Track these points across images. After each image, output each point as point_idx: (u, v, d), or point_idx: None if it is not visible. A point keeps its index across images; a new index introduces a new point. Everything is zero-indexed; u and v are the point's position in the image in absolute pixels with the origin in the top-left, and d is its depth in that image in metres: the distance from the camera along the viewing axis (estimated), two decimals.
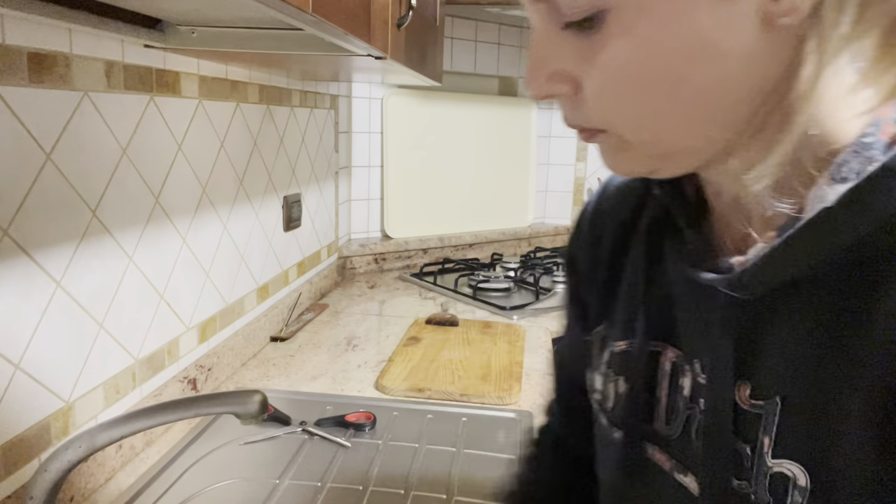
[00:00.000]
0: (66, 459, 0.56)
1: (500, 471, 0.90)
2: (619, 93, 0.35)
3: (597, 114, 0.37)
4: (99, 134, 0.79)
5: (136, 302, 0.89)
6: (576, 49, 0.36)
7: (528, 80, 0.38)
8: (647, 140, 0.37)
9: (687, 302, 0.45)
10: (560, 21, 0.36)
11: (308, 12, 0.55)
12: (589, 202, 0.59)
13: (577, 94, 0.37)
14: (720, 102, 0.34)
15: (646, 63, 0.34)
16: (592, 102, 0.37)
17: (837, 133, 0.35)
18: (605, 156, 0.41)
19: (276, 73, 1.28)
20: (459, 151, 2.16)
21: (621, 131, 0.37)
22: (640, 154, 0.38)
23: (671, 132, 0.36)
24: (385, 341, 1.37)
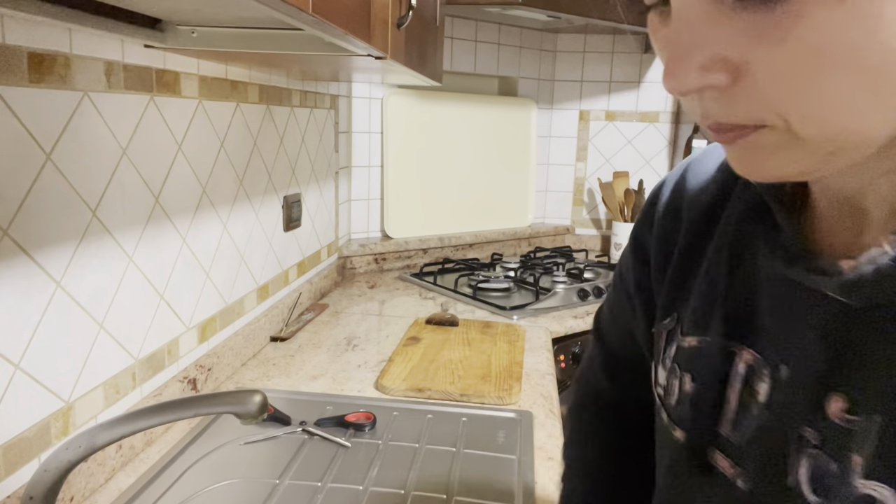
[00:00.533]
0: (66, 459, 0.56)
1: (500, 471, 0.90)
2: (812, 75, 0.29)
3: (767, 104, 0.31)
4: (99, 134, 0.79)
5: (136, 302, 0.89)
6: (747, 25, 0.29)
7: (671, 71, 0.31)
8: (824, 133, 0.31)
9: (779, 303, 0.41)
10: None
11: (308, 12, 0.55)
12: (664, 185, 0.55)
13: (736, 83, 0.31)
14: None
15: (864, 38, 0.28)
16: (766, 89, 0.30)
17: None
18: (754, 157, 0.34)
19: (276, 73, 1.28)
20: (459, 151, 2.16)
21: (797, 122, 0.31)
22: (805, 152, 0.32)
23: (858, 119, 0.30)
24: (385, 341, 1.37)
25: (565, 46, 2.39)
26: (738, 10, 0.30)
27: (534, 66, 2.34)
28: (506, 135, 2.30)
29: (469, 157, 2.19)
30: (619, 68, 2.36)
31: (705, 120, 0.33)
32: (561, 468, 0.71)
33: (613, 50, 2.35)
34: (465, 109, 2.16)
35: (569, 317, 1.59)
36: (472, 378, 1.15)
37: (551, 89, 2.42)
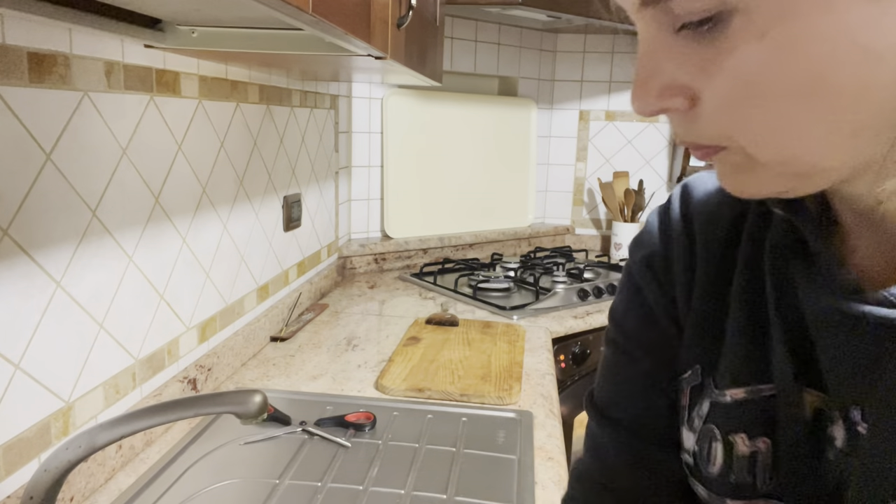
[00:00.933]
0: (66, 459, 0.56)
1: (500, 471, 0.90)
2: (749, 105, 0.31)
3: (717, 129, 0.33)
4: (99, 134, 0.79)
5: (136, 302, 0.89)
6: (692, 57, 0.32)
7: (635, 95, 0.34)
8: (779, 158, 0.32)
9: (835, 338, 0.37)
10: (674, 25, 0.32)
11: (308, 12, 0.55)
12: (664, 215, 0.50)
13: (693, 107, 0.33)
14: (870, 112, 0.29)
15: (784, 70, 0.29)
16: (714, 116, 0.32)
17: None
18: (725, 177, 0.35)
19: (276, 73, 1.28)
20: (459, 151, 2.16)
21: (748, 148, 0.32)
22: (769, 174, 0.33)
23: (811, 148, 0.31)
24: (385, 341, 1.37)
25: (565, 46, 2.39)
26: (687, 41, 0.31)
27: (534, 66, 2.34)
28: (506, 135, 2.30)
29: (469, 157, 2.19)
30: (619, 68, 2.36)
31: (677, 138, 0.35)
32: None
33: (613, 50, 2.35)
34: (465, 109, 2.16)
35: (569, 317, 1.59)
36: (472, 378, 1.15)
37: (551, 89, 2.42)
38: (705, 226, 0.47)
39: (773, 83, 0.30)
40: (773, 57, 0.29)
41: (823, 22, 0.28)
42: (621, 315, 0.53)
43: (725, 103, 0.31)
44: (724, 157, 0.34)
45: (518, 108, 2.32)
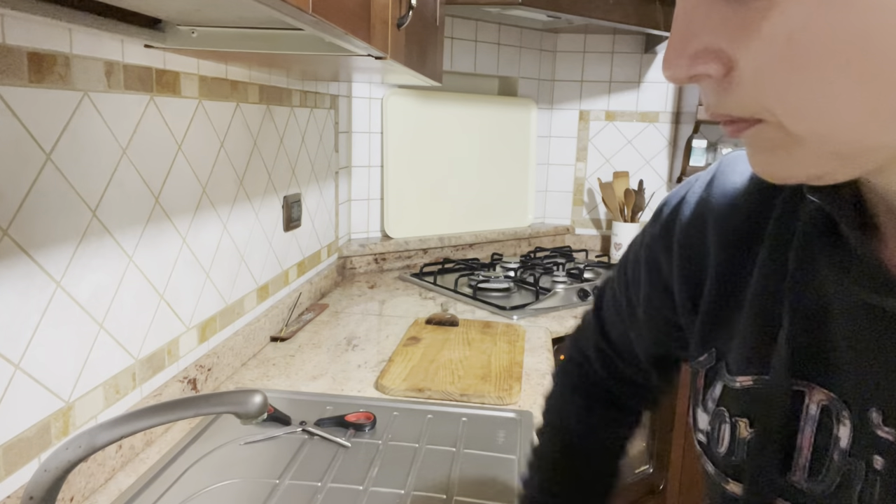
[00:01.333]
0: (66, 459, 0.56)
1: (500, 471, 0.90)
2: (788, 70, 0.28)
3: (754, 98, 0.30)
4: (99, 134, 0.79)
5: (136, 302, 0.89)
6: (729, 19, 0.29)
7: (667, 60, 0.32)
8: (818, 133, 0.29)
9: (861, 335, 0.37)
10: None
11: (308, 12, 0.55)
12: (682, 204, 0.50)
13: (729, 75, 0.31)
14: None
15: (828, 31, 0.27)
16: (750, 84, 0.30)
17: None
18: (757, 155, 0.33)
19: (276, 73, 1.28)
20: (459, 151, 2.16)
21: (786, 120, 0.30)
22: (806, 153, 0.31)
23: (853, 123, 0.28)
24: (385, 341, 1.37)
25: (565, 46, 2.39)
26: (724, 3, 0.30)
27: (534, 66, 2.34)
28: (506, 135, 2.30)
29: (469, 157, 2.19)
30: (619, 68, 2.36)
31: (709, 110, 0.33)
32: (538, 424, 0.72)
33: (613, 50, 2.35)
34: (465, 109, 2.16)
35: (569, 317, 1.59)
36: (472, 378, 1.15)
37: (551, 89, 2.42)
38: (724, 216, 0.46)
39: (815, 46, 0.27)
40: (816, 16, 0.27)
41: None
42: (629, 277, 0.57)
43: (763, 69, 0.29)
44: (759, 133, 0.32)
45: (518, 108, 2.32)
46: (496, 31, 2.20)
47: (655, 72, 2.34)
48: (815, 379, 0.39)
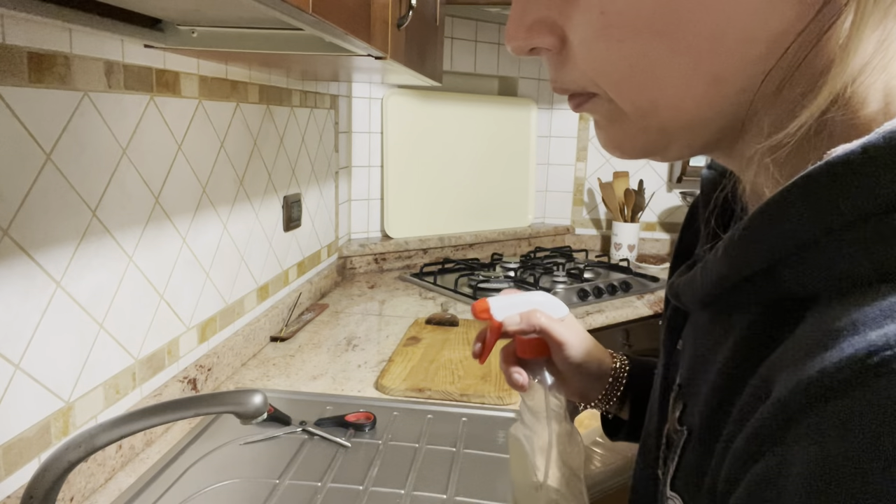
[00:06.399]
0: (66, 459, 0.56)
1: (501, 471, 0.90)
2: (607, 41, 0.29)
3: (584, 69, 0.31)
4: (99, 134, 0.79)
5: (136, 302, 0.89)
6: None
7: (507, 32, 0.33)
8: (642, 105, 0.31)
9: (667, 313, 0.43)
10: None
11: (308, 12, 0.55)
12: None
13: (564, 48, 0.32)
14: (731, 54, 0.28)
15: (635, 5, 0.28)
16: (578, 55, 0.31)
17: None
18: (598, 130, 0.35)
19: (276, 73, 1.28)
20: (459, 151, 2.16)
21: (611, 91, 0.31)
22: (635, 126, 0.32)
23: (669, 94, 0.29)
24: (385, 341, 1.37)
25: None
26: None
27: (534, 66, 2.34)
28: (506, 135, 2.30)
29: (469, 157, 2.19)
30: None
31: (553, 86, 0.35)
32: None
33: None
34: (465, 109, 2.16)
35: None
36: (472, 378, 1.15)
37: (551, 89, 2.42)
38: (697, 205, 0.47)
39: (625, 19, 0.28)
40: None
41: None
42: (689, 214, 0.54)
43: (585, 42, 0.30)
44: (594, 107, 0.33)
45: (518, 108, 2.32)
46: (496, 31, 2.20)
47: None
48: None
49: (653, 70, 0.29)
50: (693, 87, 0.29)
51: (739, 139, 0.31)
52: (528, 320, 0.60)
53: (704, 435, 0.32)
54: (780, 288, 0.28)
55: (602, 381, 0.64)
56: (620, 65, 0.30)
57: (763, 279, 0.29)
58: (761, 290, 0.30)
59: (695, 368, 0.36)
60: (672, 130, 0.31)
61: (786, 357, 0.26)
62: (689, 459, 0.33)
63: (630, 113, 0.31)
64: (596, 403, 0.65)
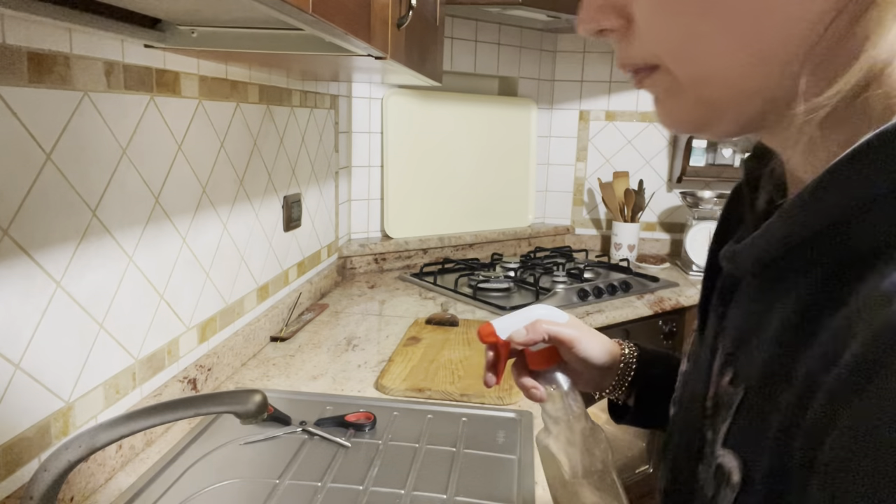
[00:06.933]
0: (66, 459, 0.56)
1: (500, 471, 0.90)
2: (667, 16, 0.33)
3: (647, 44, 0.35)
4: (99, 134, 0.79)
5: (136, 302, 0.89)
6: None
7: (579, 17, 0.37)
8: (696, 75, 0.34)
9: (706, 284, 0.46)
10: None
11: (308, 12, 0.55)
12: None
13: (629, 29, 0.36)
14: (774, 33, 0.31)
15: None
16: (642, 31, 0.35)
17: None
18: (657, 105, 0.38)
19: (276, 73, 1.28)
20: (459, 151, 2.16)
21: (670, 64, 0.35)
22: (690, 98, 0.35)
23: (720, 67, 0.33)
24: (385, 341, 1.37)
25: (565, 46, 2.39)
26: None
27: (534, 66, 2.34)
28: (506, 135, 2.30)
29: (469, 156, 2.19)
30: None
31: (618, 63, 0.39)
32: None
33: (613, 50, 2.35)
34: (465, 109, 2.16)
35: None
36: (472, 378, 1.15)
37: (551, 89, 2.42)
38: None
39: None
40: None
41: None
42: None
43: (648, 18, 0.34)
44: (654, 81, 0.37)
45: (518, 108, 2.32)
46: (496, 31, 2.20)
47: None
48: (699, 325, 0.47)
49: (704, 43, 0.33)
50: (739, 61, 0.32)
51: (784, 116, 0.33)
52: (533, 330, 0.64)
53: (767, 391, 0.33)
54: (844, 245, 0.31)
55: (613, 369, 0.67)
56: (676, 36, 0.33)
57: (827, 237, 0.31)
58: (825, 248, 0.32)
59: (747, 333, 0.37)
60: (721, 103, 0.34)
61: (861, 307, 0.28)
62: (747, 417, 0.35)
63: (685, 83, 0.35)
64: (609, 391, 0.68)
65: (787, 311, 0.34)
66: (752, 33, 0.31)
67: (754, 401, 0.35)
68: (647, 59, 0.36)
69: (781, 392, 0.32)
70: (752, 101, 0.34)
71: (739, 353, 0.38)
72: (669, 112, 0.37)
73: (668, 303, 1.81)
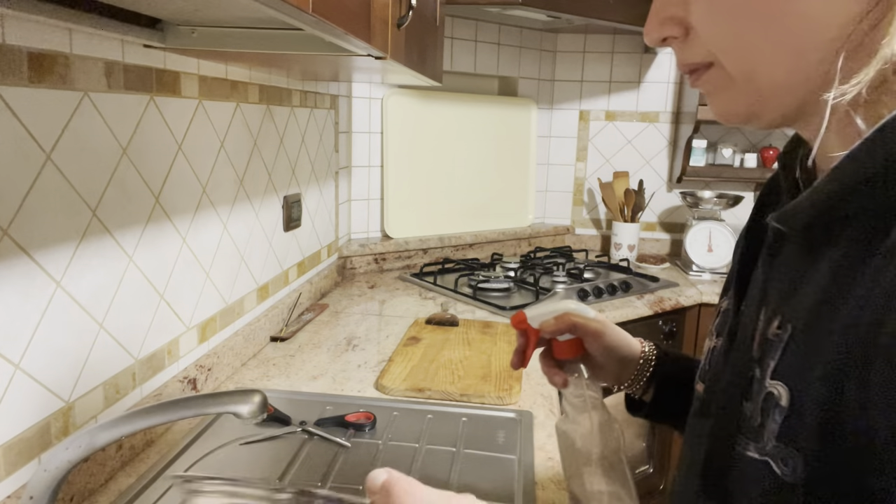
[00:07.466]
0: (66, 459, 0.56)
1: (500, 471, 0.90)
2: (722, 22, 0.40)
3: (702, 47, 0.42)
4: (99, 134, 0.79)
5: (136, 302, 0.89)
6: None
7: (646, 29, 0.44)
8: (745, 71, 0.41)
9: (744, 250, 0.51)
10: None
11: (308, 12, 0.55)
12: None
13: (688, 35, 0.43)
14: (811, 35, 0.37)
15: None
16: (700, 34, 0.42)
17: None
18: (711, 99, 0.44)
19: (276, 73, 1.28)
20: (459, 151, 2.16)
21: (724, 60, 0.41)
22: (740, 91, 0.42)
23: (765, 60, 0.39)
24: (385, 341, 1.37)
25: (565, 46, 2.39)
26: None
27: (534, 66, 2.34)
28: (506, 135, 2.30)
29: (469, 156, 2.19)
30: (619, 68, 2.36)
31: (679, 65, 0.45)
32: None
33: (613, 50, 2.35)
34: (465, 109, 2.16)
35: None
36: (472, 378, 1.15)
37: (551, 89, 2.42)
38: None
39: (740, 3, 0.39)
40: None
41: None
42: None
43: (703, 22, 0.41)
44: (710, 77, 0.44)
45: (518, 108, 2.32)
46: (496, 31, 2.20)
47: (655, 72, 2.34)
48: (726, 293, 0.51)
49: (752, 43, 0.39)
50: (783, 58, 0.39)
51: (818, 104, 0.39)
52: (561, 321, 0.70)
53: (814, 327, 0.38)
54: (881, 198, 0.36)
55: (632, 364, 0.72)
56: (729, 37, 0.40)
57: (866, 192, 0.37)
58: (864, 201, 0.37)
59: (795, 284, 0.42)
60: (767, 95, 0.41)
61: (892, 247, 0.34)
62: (795, 352, 0.40)
63: (736, 78, 0.41)
64: (628, 385, 0.74)
65: (833, 261, 0.39)
66: (791, 35, 0.38)
67: (801, 337, 0.39)
68: (704, 57, 0.43)
69: (829, 325, 0.37)
70: (793, 92, 0.40)
71: (786, 303, 0.42)
72: (723, 104, 0.44)
73: (667, 303, 1.81)
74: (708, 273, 2.11)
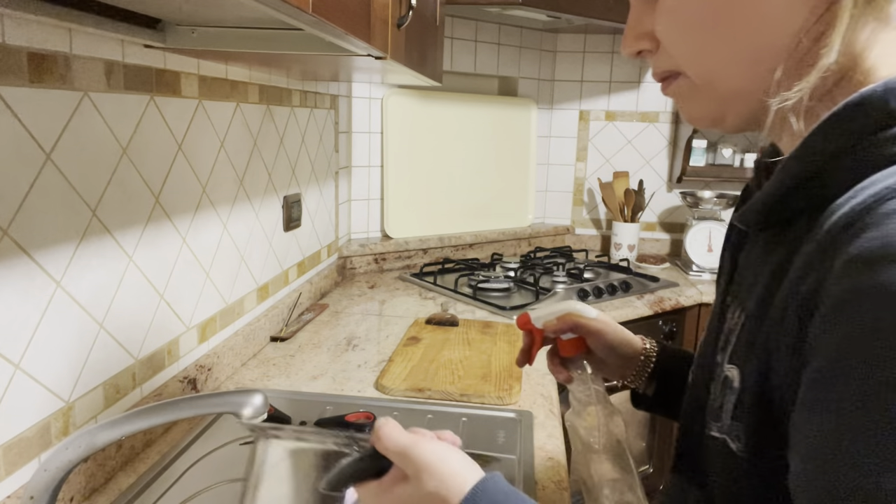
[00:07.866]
0: (66, 459, 0.56)
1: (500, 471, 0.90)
2: (682, 33, 0.44)
3: (669, 58, 0.46)
4: (99, 134, 0.79)
5: (135, 302, 0.89)
6: (649, 9, 0.46)
7: (622, 43, 0.49)
8: (707, 79, 0.45)
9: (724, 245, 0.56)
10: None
11: (308, 12, 0.55)
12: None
13: (660, 48, 0.47)
14: (764, 44, 0.41)
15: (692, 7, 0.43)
16: (667, 48, 0.46)
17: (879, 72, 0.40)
18: (680, 105, 0.49)
19: (276, 73, 1.28)
20: (459, 151, 2.16)
21: (687, 70, 0.45)
22: (704, 98, 0.46)
23: (723, 68, 0.43)
24: (385, 341, 1.37)
25: (565, 46, 2.39)
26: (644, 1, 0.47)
27: (534, 66, 2.34)
28: (506, 135, 2.30)
29: (469, 157, 2.19)
30: (619, 68, 2.36)
31: (653, 74, 0.49)
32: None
33: (613, 50, 2.35)
34: (465, 109, 2.16)
35: None
36: (472, 378, 1.15)
37: (551, 89, 2.42)
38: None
39: (690, 13, 0.43)
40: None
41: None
42: None
43: (667, 34, 0.45)
44: (679, 86, 0.47)
45: (518, 108, 2.32)
46: (496, 31, 2.20)
47: None
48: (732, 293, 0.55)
49: (711, 53, 0.43)
50: (739, 66, 0.43)
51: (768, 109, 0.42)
52: (563, 321, 0.74)
53: (757, 313, 0.43)
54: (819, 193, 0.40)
55: (634, 360, 0.75)
56: (691, 48, 0.44)
57: (808, 187, 0.41)
58: (807, 196, 0.41)
59: (753, 276, 0.46)
60: (728, 101, 0.45)
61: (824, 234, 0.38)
62: (743, 337, 0.45)
63: (700, 85, 0.45)
64: (631, 380, 0.76)
65: (781, 252, 0.43)
66: (747, 45, 0.42)
67: (750, 324, 0.44)
68: (672, 68, 0.47)
69: (767, 309, 0.42)
70: (750, 98, 0.43)
71: (748, 295, 0.46)
72: (690, 109, 0.48)
73: (667, 303, 1.81)
74: (708, 273, 2.11)
